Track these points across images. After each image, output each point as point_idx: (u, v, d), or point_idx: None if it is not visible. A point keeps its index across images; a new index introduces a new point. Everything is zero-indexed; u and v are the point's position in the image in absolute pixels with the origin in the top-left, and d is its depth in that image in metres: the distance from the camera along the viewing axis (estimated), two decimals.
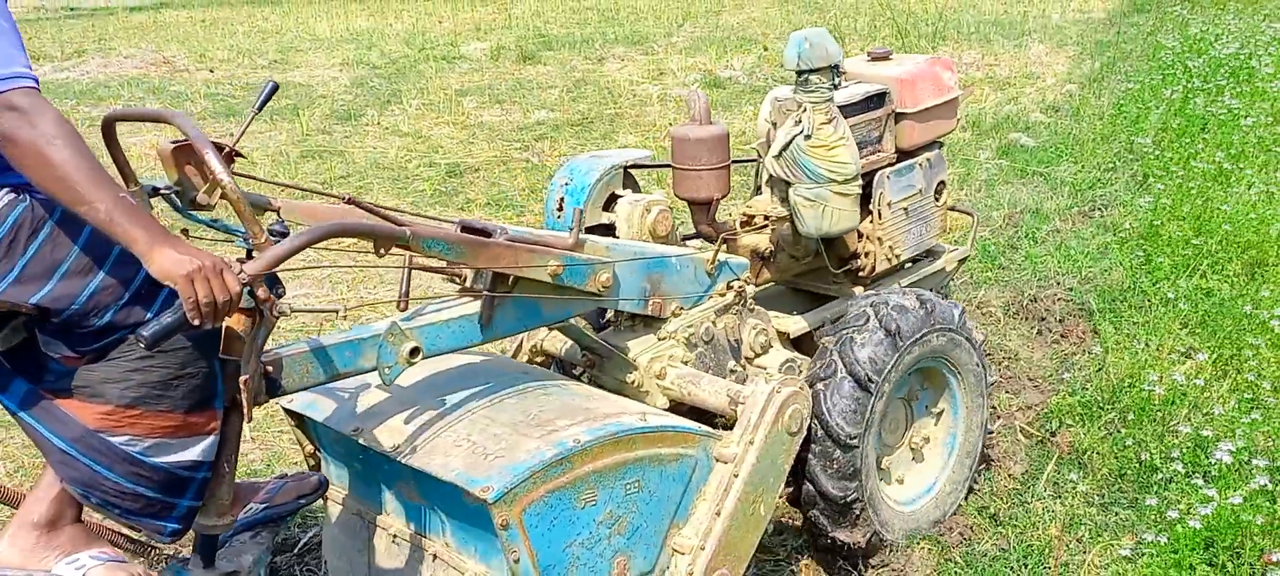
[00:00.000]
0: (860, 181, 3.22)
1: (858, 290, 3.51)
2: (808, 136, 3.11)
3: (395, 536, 2.75)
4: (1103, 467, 3.56)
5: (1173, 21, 11.35)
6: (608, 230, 3.22)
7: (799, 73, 3.12)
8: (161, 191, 2.44)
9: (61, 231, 2.03)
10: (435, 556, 2.62)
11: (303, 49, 13.15)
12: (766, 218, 3.35)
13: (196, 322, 1.93)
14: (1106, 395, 3.92)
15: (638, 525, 2.55)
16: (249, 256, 2.13)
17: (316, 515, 3.46)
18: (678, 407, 2.91)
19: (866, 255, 3.47)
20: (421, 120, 9.18)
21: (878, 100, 3.43)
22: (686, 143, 3.22)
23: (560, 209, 3.26)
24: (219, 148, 2.45)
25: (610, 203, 3.26)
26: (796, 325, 3.33)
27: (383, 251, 2.27)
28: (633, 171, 3.37)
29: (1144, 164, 6.55)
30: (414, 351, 2.38)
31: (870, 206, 3.44)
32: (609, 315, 3.20)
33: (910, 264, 3.71)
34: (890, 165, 3.48)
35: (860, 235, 3.44)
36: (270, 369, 2.27)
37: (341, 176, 7.67)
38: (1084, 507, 3.40)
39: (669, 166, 3.32)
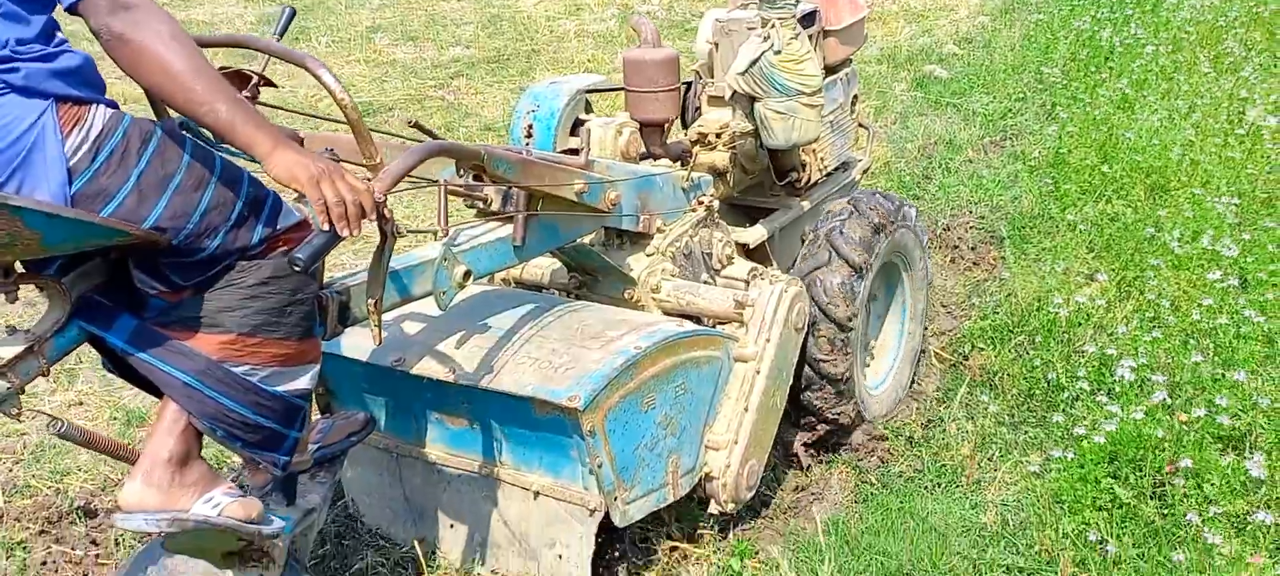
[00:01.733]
0: (824, 92, 3.36)
1: (796, 200, 3.71)
2: (778, 51, 3.19)
3: (434, 464, 2.80)
4: (1012, 388, 3.66)
5: None
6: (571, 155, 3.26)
7: None
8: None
9: (169, 143, 1.94)
10: (489, 476, 2.71)
11: None
12: (719, 134, 3.43)
13: (330, 227, 1.93)
14: (1016, 318, 4.03)
15: (684, 425, 2.76)
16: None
17: None
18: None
19: (804, 167, 3.64)
20: (331, 58, 8.92)
21: (809, 19, 3.54)
22: (642, 65, 3.28)
23: (528, 135, 3.31)
24: (246, 77, 2.43)
25: (575, 127, 3.32)
26: (755, 234, 3.48)
27: (462, 170, 2.45)
28: (587, 97, 3.45)
29: (1052, 94, 6.68)
30: (466, 275, 2.47)
31: None
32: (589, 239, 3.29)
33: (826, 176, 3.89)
34: None
35: (799, 149, 3.59)
36: (342, 297, 2.30)
37: None
38: (995, 427, 3.51)
39: (623, 90, 3.37)
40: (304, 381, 2.14)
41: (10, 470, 3.52)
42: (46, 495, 3.34)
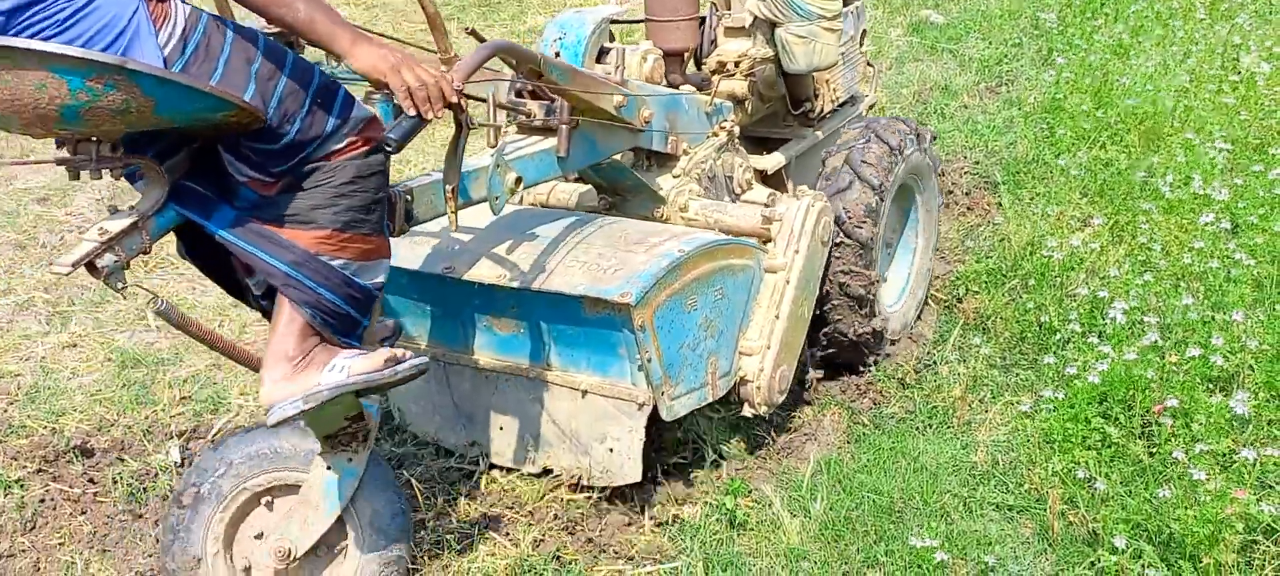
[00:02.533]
0: (841, 17, 3.47)
1: (809, 131, 3.83)
2: None
3: (483, 370, 2.92)
4: (1005, 331, 3.69)
5: None
6: None
7: None
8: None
9: (241, 38, 2.07)
10: (537, 378, 2.84)
11: None
12: (737, 63, 3.53)
13: (416, 112, 2.11)
14: (1009, 262, 4.05)
15: (722, 329, 2.90)
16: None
17: None
18: None
19: (817, 98, 3.76)
20: None
21: None
22: None
23: None
24: None
25: (601, 55, 3.41)
26: (773, 161, 3.60)
27: (522, 69, 2.56)
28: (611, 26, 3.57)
29: (1048, 39, 6.66)
30: (517, 181, 2.60)
31: None
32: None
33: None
34: None
35: (823, 79, 3.73)
36: (408, 198, 2.44)
37: None
38: (987, 369, 3.54)
39: (645, 21, 3.49)
40: (382, 275, 2.30)
41: (5, 410, 3.53)
42: (43, 435, 3.35)
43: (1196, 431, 2.85)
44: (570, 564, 2.75)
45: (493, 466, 3.06)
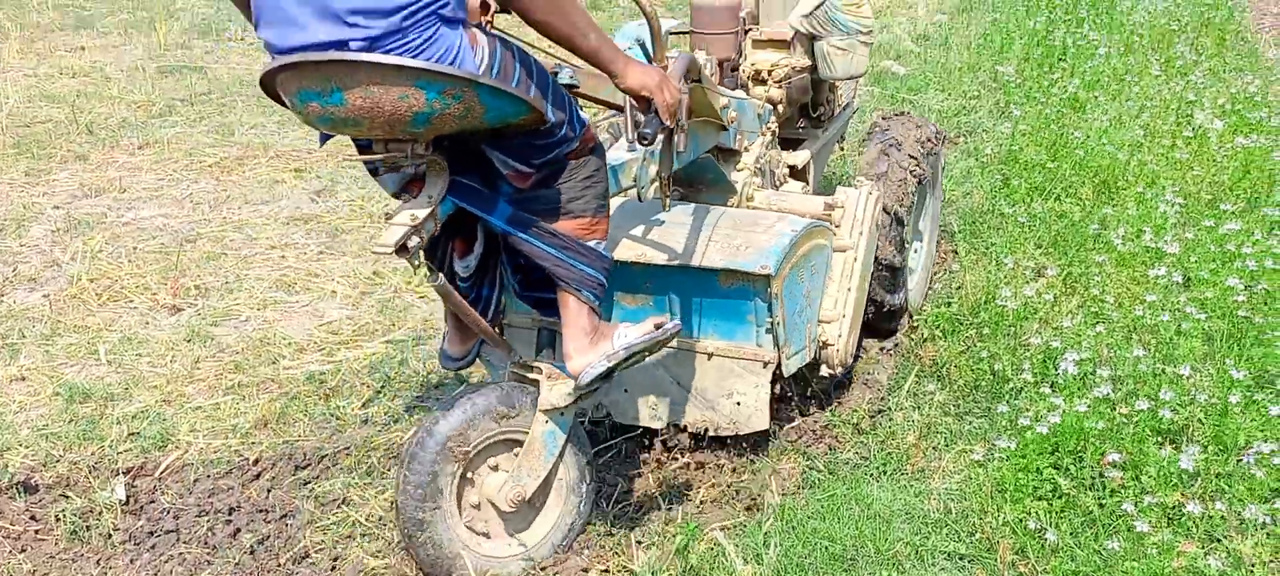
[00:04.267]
0: (872, 32, 3.95)
1: (818, 132, 4.26)
2: None
3: None
4: (959, 379, 3.71)
5: None
6: None
7: None
8: None
9: (520, 54, 2.43)
10: (664, 346, 2.99)
11: None
12: (770, 72, 3.86)
13: (666, 121, 2.52)
14: (965, 311, 4.08)
15: (814, 299, 3.31)
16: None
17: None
18: None
19: (827, 103, 4.24)
20: None
21: None
22: (710, 10, 3.78)
23: None
24: (485, 3, 2.79)
25: None
26: (801, 157, 4.00)
27: (691, 74, 2.81)
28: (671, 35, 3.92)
29: (1006, 92, 6.77)
30: (658, 172, 2.91)
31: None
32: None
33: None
34: None
35: (832, 87, 4.22)
36: None
37: (202, 93, 7.33)
38: (941, 417, 3.55)
39: (692, 33, 3.84)
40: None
41: None
42: None
43: (1146, 484, 2.88)
44: None
45: (619, 427, 3.34)
